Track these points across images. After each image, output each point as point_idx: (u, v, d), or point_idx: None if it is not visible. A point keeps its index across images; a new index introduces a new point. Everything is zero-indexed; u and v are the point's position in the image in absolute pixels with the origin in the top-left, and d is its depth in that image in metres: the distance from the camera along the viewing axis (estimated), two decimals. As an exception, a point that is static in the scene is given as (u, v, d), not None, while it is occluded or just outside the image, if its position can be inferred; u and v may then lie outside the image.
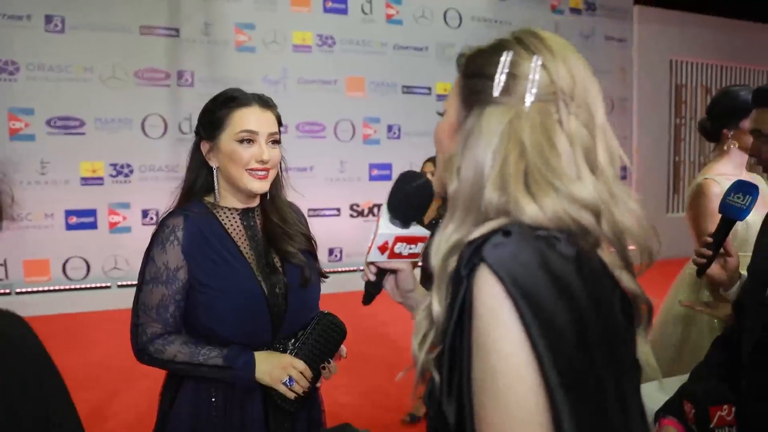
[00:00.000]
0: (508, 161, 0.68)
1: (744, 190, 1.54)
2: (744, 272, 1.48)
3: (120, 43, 6.09)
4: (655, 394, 1.35)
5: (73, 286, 6.06)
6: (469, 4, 7.71)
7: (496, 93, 0.71)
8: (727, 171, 2.04)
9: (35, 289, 5.96)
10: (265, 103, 1.42)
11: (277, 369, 1.33)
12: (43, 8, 5.83)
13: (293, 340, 1.41)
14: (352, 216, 7.15)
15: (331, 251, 7.06)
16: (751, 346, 1.16)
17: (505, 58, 0.72)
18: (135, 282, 1.42)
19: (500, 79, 0.72)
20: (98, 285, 6.13)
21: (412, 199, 1.01)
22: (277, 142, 1.42)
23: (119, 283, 6.17)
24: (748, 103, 1.90)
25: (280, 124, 1.45)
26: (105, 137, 6.09)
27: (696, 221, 2.06)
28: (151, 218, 6.25)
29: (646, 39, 8.82)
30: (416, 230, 1.03)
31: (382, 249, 1.01)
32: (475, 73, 0.75)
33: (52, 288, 5.99)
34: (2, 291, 5.84)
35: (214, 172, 1.42)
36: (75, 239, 6.03)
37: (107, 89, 6.08)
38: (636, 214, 0.71)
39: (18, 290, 5.91)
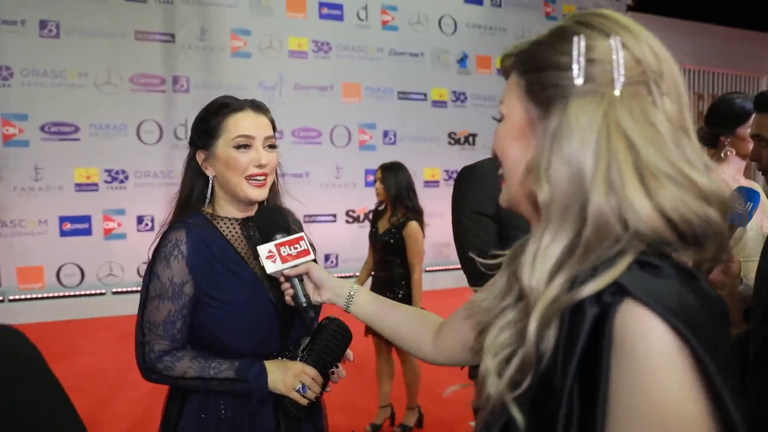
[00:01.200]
0: (616, 158, 0.60)
1: (745, 196, 1.55)
2: (751, 275, 1.48)
3: (115, 48, 6.08)
4: None
5: (67, 293, 6.01)
6: (464, 11, 7.74)
7: (578, 81, 0.63)
8: (726, 177, 2.04)
9: (29, 296, 5.90)
10: (259, 107, 1.41)
11: (290, 377, 1.31)
12: (38, 13, 5.81)
13: (301, 347, 1.40)
14: (348, 222, 7.15)
15: (327, 257, 7.05)
16: (754, 356, 1.16)
17: (579, 43, 0.64)
18: (130, 288, 1.42)
19: (580, 65, 0.63)
20: (93, 292, 6.08)
21: (268, 218, 1.32)
22: (273, 146, 1.40)
23: (114, 290, 6.12)
24: (744, 110, 1.96)
25: (274, 128, 1.44)
26: (100, 143, 6.07)
27: None
28: (147, 224, 6.22)
29: (639, 45, 8.85)
30: (288, 236, 1.27)
31: (271, 257, 1.22)
32: (542, 66, 0.66)
33: (45, 295, 5.94)
34: (-5, 298, 5.81)
35: (210, 181, 1.40)
36: (69, 246, 5.99)
37: (102, 95, 6.06)
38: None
39: (11, 297, 5.85)
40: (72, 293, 6.02)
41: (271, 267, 1.23)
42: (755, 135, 1.60)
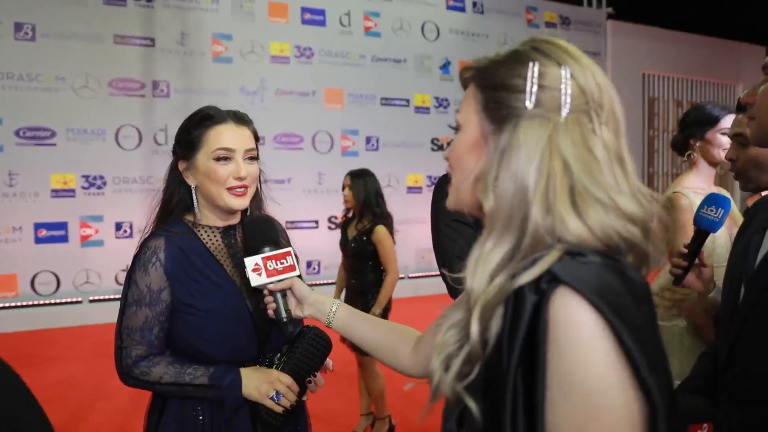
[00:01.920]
0: (553, 178, 0.67)
1: (716, 203, 1.60)
2: (719, 282, 1.52)
3: (93, 51, 6.01)
4: None
5: (42, 302, 5.91)
6: (447, 17, 7.81)
7: (529, 105, 0.70)
8: (695, 185, 2.11)
9: (2, 305, 5.78)
10: (241, 119, 1.42)
11: (264, 384, 1.34)
12: (13, 15, 5.72)
13: (279, 355, 1.42)
14: (330, 228, 7.13)
15: (309, 264, 7.02)
16: (723, 362, 1.17)
17: (533, 69, 0.71)
18: (107, 297, 1.45)
19: (532, 91, 0.70)
20: (69, 300, 5.99)
21: (257, 230, 1.33)
22: (254, 158, 1.42)
23: (91, 298, 6.03)
24: (713, 115, 2.07)
25: (257, 139, 1.45)
26: (77, 148, 5.99)
27: (672, 235, 2.09)
28: (125, 231, 6.14)
29: (619, 53, 9.03)
30: (276, 250, 1.27)
31: (257, 270, 1.23)
32: (498, 86, 0.73)
33: (19, 304, 5.82)
34: (-33, 307, 5.68)
35: (193, 190, 1.42)
36: (44, 253, 5.89)
37: (79, 99, 5.99)
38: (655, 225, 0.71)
39: (-16, 306, 5.74)
40: (47, 302, 5.93)
41: (256, 280, 1.24)
42: (737, 134, 1.65)
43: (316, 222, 7.09)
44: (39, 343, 5.21)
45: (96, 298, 6.00)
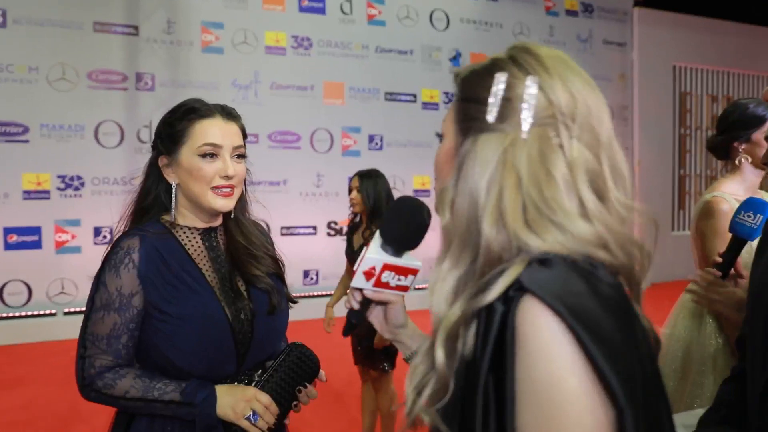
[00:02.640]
0: (504, 194, 0.69)
1: (755, 208, 1.58)
2: None
3: (71, 40, 5.99)
4: None
5: (11, 314, 5.88)
6: (457, 5, 7.79)
7: (490, 119, 0.73)
8: (737, 189, 2.08)
9: (-32, 317, 5.75)
10: (229, 114, 1.45)
11: (240, 402, 1.33)
12: (-17, 0, 5.73)
13: (260, 372, 1.42)
14: (329, 235, 7.09)
15: (306, 273, 6.96)
16: (761, 388, 1.13)
17: (498, 81, 0.74)
18: (84, 309, 1.38)
19: (495, 103, 0.73)
20: (41, 312, 5.95)
21: (407, 227, 1.03)
22: (242, 156, 1.44)
23: (66, 310, 6.01)
24: (758, 115, 2.04)
25: (245, 136, 1.47)
26: (52, 146, 5.97)
27: (701, 241, 2.09)
28: (105, 236, 6.12)
29: (647, 43, 8.98)
30: (409, 261, 1.04)
31: (368, 275, 1.03)
32: (468, 97, 0.77)
33: (-13, 316, 5.80)
34: (-70, 320, 5.64)
35: (174, 189, 1.44)
36: (15, 260, 5.86)
37: (55, 92, 5.97)
38: (639, 243, 0.74)
39: (-52, 319, 5.71)
40: (17, 314, 5.89)
41: (359, 281, 1.04)
42: None
43: (314, 228, 7.05)
44: (8, 360, 5.17)
45: (72, 310, 5.98)
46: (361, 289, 1.06)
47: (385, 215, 1.09)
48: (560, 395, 0.61)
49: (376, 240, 1.04)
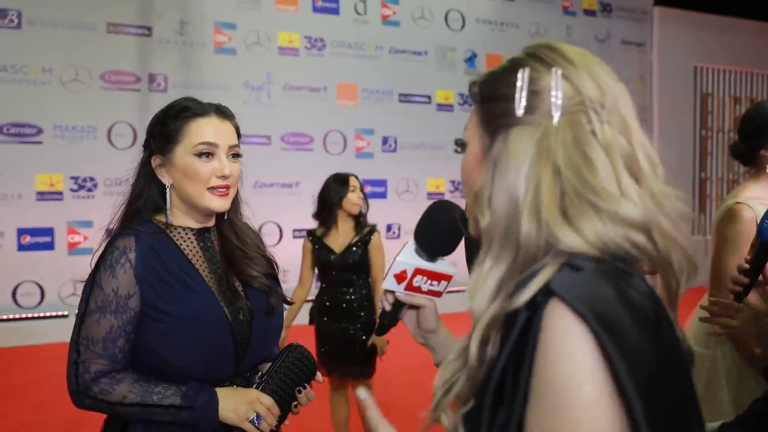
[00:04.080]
0: (541, 186, 0.69)
1: None
2: None
3: (84, 41, 6.04)
4: None
5: (24, 315, 5.93)
6: (473, 5, 7.76)
7: (519, 112, 0.74)
8: (762, 194, 2.03)
9: (-19, 318, 5.81)
10: (223, 113, 1.45)
11: (243, 405, 1.33)
12: (-2, 2, 5.80)
13: (260, 374, 1.42)
14: (342, 237, 7.07)
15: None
16: None
17: (523, 75, 0.75)
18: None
19: (521, 96, 0.74)
20: (54, 314, 6.00)
21: (438, 229, 1.04)
22: (237, 155, 1.45)
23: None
24: None
25: (239, 135, 1.48)
26: (65, 147, 6.02)
27: (722, 248, 2.05)
28: (116, 238, 6.14)
29: (667, 43, 8.89)
30: (441, 266, 1.05)
31: (399, 278, 1.04)
32: (492, 97, 0.78)
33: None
34: (-57, 320, 5.71)
35: (167, 189, 1.43)
36: (28, 261, 5.91)
37: (68, 93, 6.02)
38: (683, 230, 0.73)
39: (-39, 319, 5.77)
40: (30, 315, 5.94)
41: (390, 283, 1.05)
42: None
43: (327, 230, 7.03)
44: (20, 362, 5.20)
45: (83, 312, 6.01)
46: (393, 292, 1.07)
47: (420, 219, 1.08)
48: (575, 401, 0.61)
49: (410, 244, 1.05)
